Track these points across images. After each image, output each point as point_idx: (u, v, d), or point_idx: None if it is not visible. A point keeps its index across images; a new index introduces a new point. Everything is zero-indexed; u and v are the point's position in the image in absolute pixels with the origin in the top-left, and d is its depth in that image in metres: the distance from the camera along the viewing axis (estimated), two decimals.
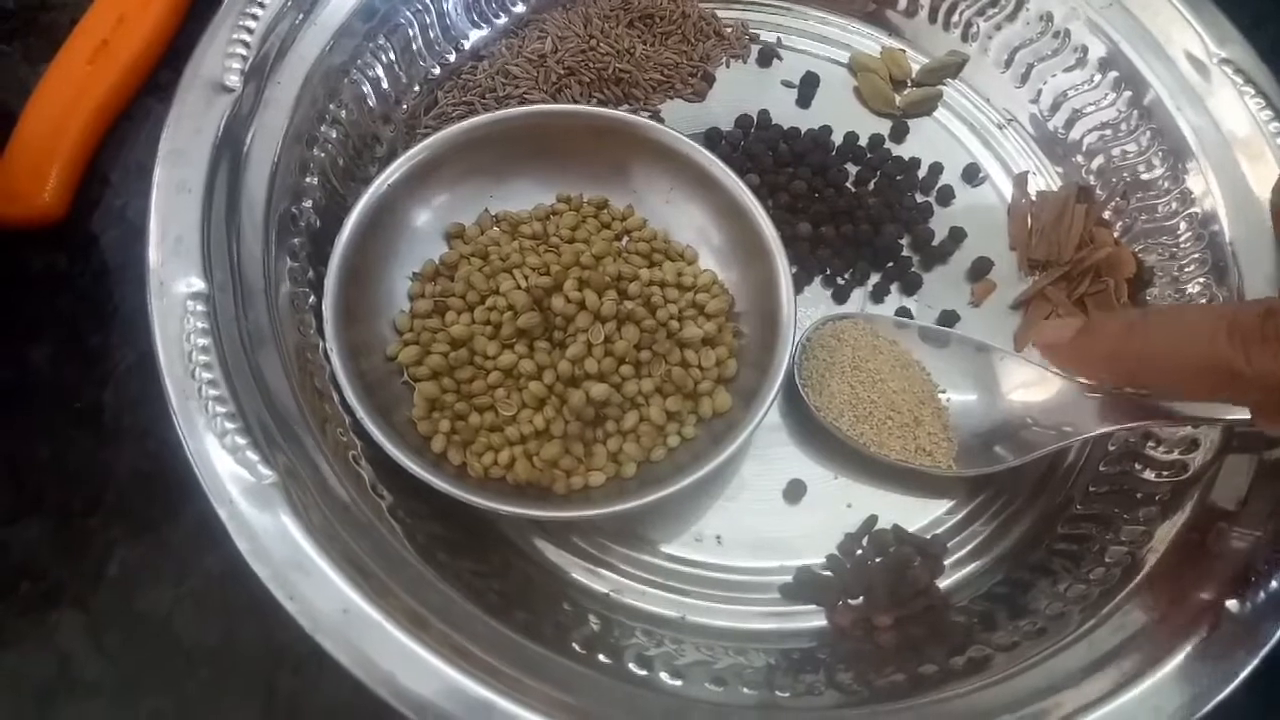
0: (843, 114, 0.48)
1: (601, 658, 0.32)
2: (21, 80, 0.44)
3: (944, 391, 0.40)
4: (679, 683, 0.32)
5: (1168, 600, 0.33)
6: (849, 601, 0.37)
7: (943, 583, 0.38)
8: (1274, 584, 0.32)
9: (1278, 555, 0.32)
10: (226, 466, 0.30)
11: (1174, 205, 0.43)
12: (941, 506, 0.40)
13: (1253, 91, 0.42)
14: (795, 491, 0.39)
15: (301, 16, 0.39)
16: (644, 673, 0.32)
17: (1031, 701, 0.31)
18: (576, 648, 0.32)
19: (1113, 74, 0.46)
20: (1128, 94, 0.45)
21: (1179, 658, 0.31)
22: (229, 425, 0.31)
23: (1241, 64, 0.43)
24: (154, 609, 0.36)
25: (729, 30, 0.49)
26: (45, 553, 0.37)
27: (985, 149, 0.48)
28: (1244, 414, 0.36)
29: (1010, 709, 0.31)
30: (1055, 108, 0.48)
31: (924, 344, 0.41)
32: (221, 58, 0.37)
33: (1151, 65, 0.45)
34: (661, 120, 0.46)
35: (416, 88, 0.45)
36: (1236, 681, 0.31)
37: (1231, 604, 0.32)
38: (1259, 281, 0.40)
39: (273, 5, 0.39)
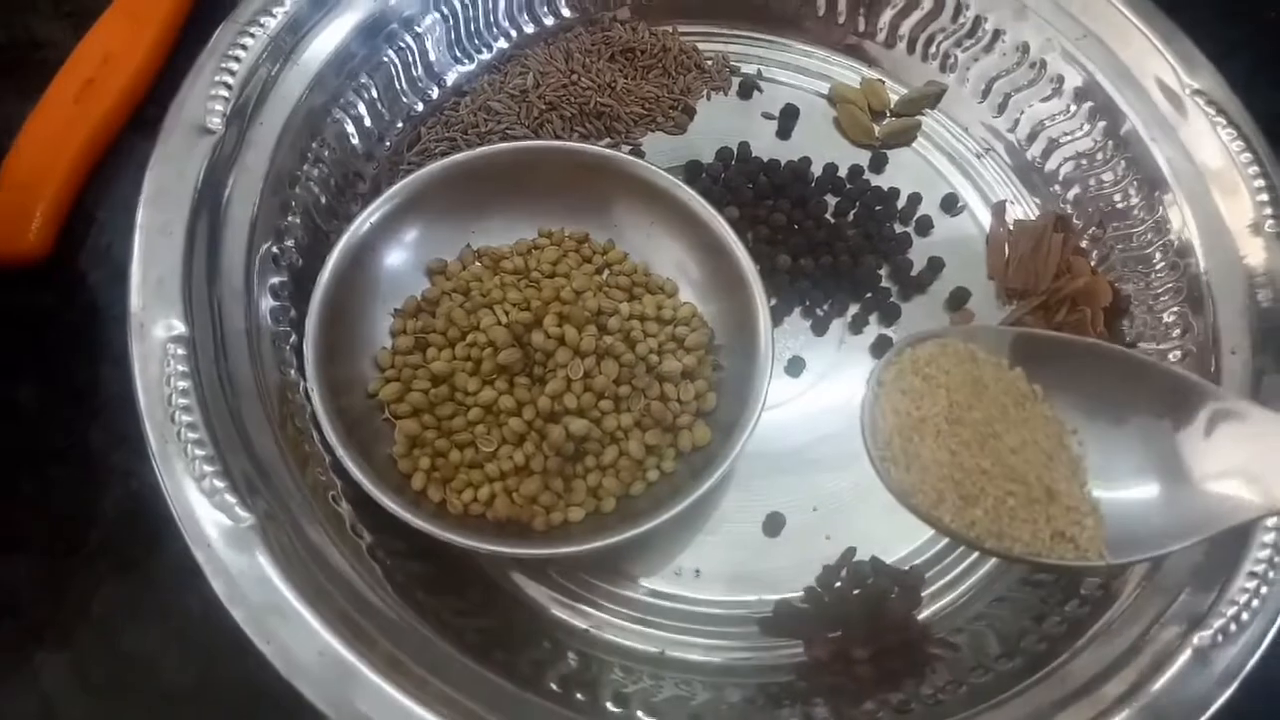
0: (822, 145, 0.48)
1: (578, 696, 0.33)
2: (9, 118, 0.45)
3: (1075, 431, 0.30)
4: None
5: (1139, 635, 0.33)
6: (827, 634, 0.37)
7: (921, 614, 0.38)
8: (1244, 616, 0.32)
9: (1246, 588, 0.33)
10: (204, 510, 0.31)
11: (1149, 235, 0.44)
12: (920, 537, 0.40)
13: (1224, 122, 0.43)
14: (774, 524, 0.39)
15: (284, 57, 0.40)
16: (620, 710, 0.32)
17: None
18: (553, 687, 0.33)
19: (1088, 104, 0.46)
20: (1103, 124, 0.46)
21: (1152, 691, 0.31)
22: (207, 468, 0.31)
23: (1213, 95, 0.43)
24: (137, 648, 0.36)
25: (709, 63, 0.50)
26: (29, 591, 0.37)
27: (964, 178, 0.48)
28: None
29: None
30: (1032, 137, 0.48)
31: (1045, 363, 0.30)
32: (204, 100, 0.37)
33: (1126, 96, 0.45)
34: (642, 153, 0.46)
35: (399, 124, 0.45)
36: (1207, 714, 0.31)
37: (1201, 638, 0.32)
38: (1231, 314, 0.40)
39: (255, 47, 0.39)
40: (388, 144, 0.45)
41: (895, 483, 0.30)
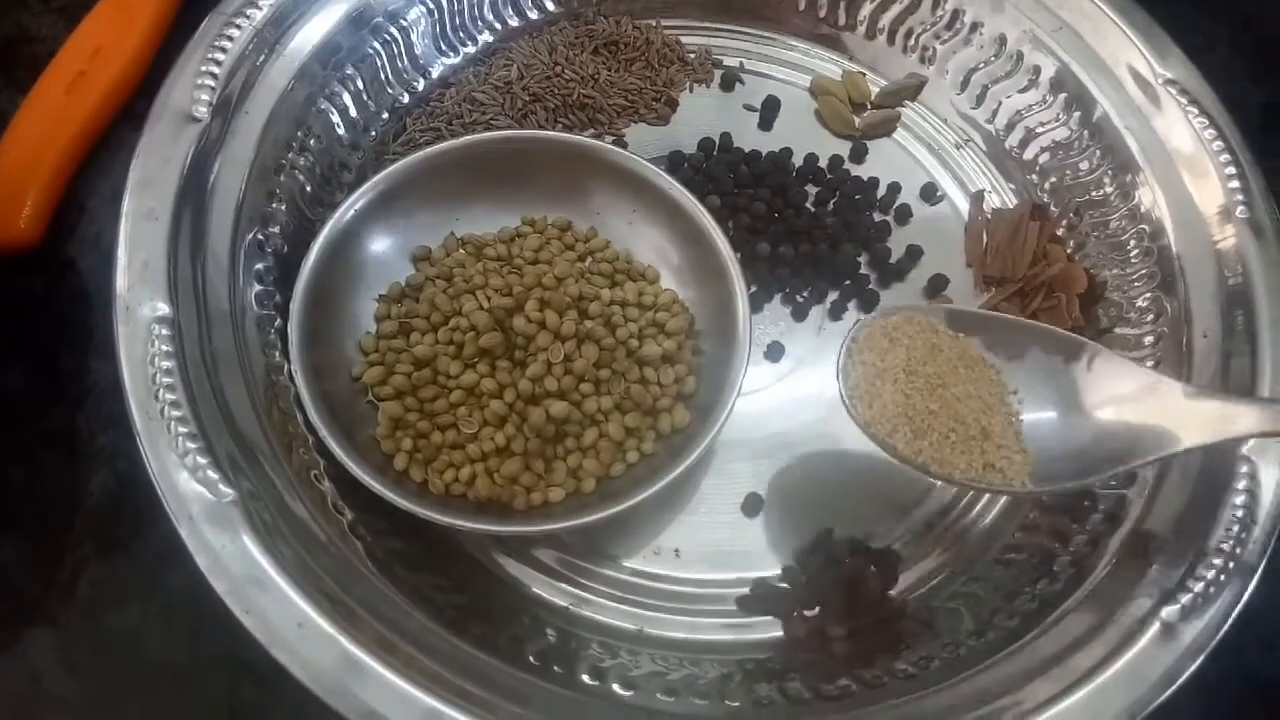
0: (803, 136, 0.49)
1: (555, 668, 0.33)
2: (1, 110, 0.46)
3: (1015, 392, 0.36)
4: (630, 693, 0.33)
5: (1109, 609, 0.33)
6: (804, 613, 0.38)
7: (896, 592, 0.39)
8: (1212, 590, 0.33)
9: (1214, 564, 0.33)
10: (187, 485, 0.31)
11: (1124, 222, 0.44)
12: (897, 518, 0.40)
13: (1196, 111, 0.43)
14: (753, 505, 0.40)
15: (270, 48, 0.40)
16: (596, 683, 0.33)
17: (975, 706, 0.31)
18: (531, 660, 0.33)
19: (1063, 94, 0.47)
20: (1078, 114, 0.46)
21: (1119, 664, 0.32)
22: (190, 445, 0.32)
23: (1185, 84, 0.44)
24: (122, 625, 0.37)
25: (692, 56, 0.51)
26: (18, 571, 0.38)
27: (943, 168, 0.49)
28: None
29: (955, 713, 0.31)
30: (1010, 127, 0.49)
31: (993, 335, 0.37)
32: (190, 89, 0.38)
33: (1100, 85, 0.46)
34: (625, 144, 0.47)
35: (385, 115, 0.46)
36: (1173, 688, 0.31)
37: (1169, 612, 0.32)
38: (1203, 298, 0.41)
39: (242, 38, 0.40)
40: (373, 134, 0.45)
41: (860, 415, 0.36)
